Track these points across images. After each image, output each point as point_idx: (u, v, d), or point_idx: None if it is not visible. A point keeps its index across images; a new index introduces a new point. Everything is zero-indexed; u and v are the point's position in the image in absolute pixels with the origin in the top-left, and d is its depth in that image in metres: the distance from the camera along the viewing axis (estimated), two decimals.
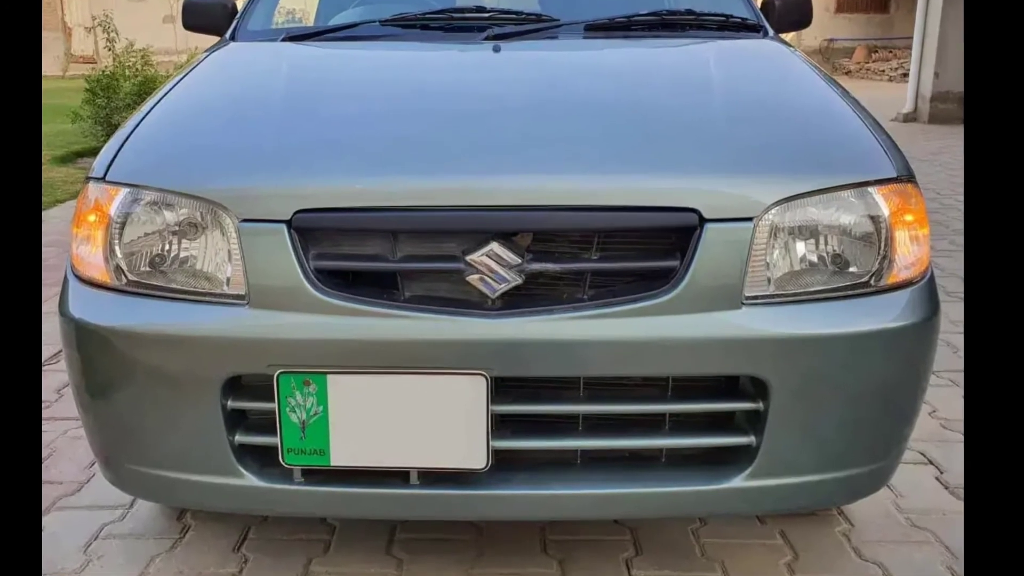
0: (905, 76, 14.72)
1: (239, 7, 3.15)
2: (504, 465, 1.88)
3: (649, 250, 1.85)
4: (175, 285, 1.88)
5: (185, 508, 2.49)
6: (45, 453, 2.88)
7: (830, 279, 1.87)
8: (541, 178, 1.84)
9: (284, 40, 2.78)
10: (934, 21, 11.84)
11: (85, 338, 1.93)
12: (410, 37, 2.74)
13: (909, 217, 1.90)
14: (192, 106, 2.26)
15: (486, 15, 2.78)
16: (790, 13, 3.16)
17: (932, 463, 2.80)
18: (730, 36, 2.81)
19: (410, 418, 1.81)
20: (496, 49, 2.53)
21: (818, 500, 2.11)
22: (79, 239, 1.95)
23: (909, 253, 1.90)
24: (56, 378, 3.43)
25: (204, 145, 2.04)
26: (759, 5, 3.12)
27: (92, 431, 2.04)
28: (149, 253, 1.90)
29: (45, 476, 2.73)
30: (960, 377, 3.39)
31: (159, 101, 2.24)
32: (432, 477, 1.89)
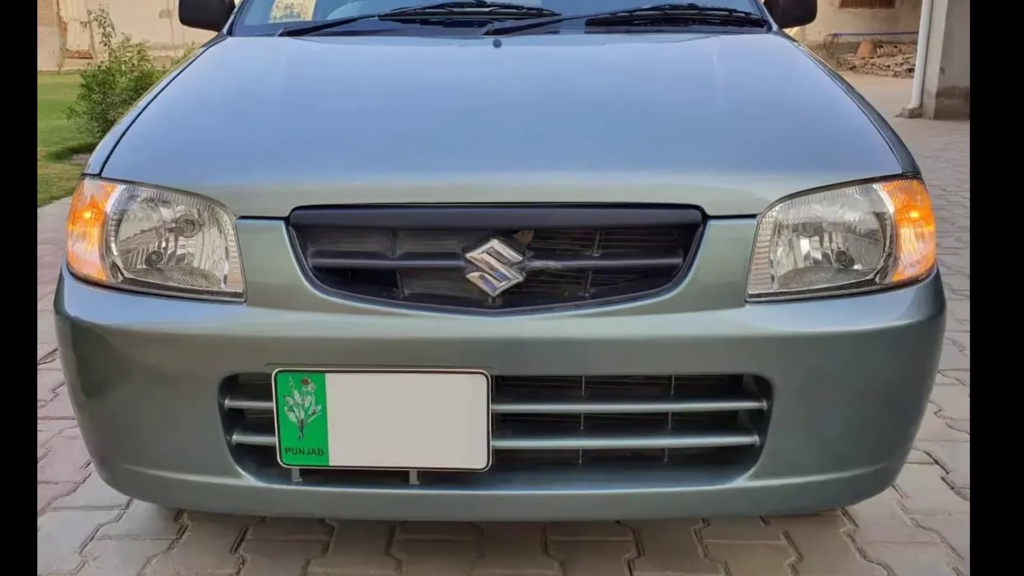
0: (910, 71, 14.70)
1: (236, 1, 3.14)
2: (505, 465, 1.88)
3: (651, 247, 1.84)
4: (172, 283, 1.88)
5: (182, 508, 2.49)
6: (40, 453, 2.88)
7: (834, 277, 1.87)
8: (542, 174, 1.84)
9: (282, 35, 2.78)
10: (940, 16, 11.83)
11: (81, 336, 1.93)
12: (409, 32, 2.74)
13: (914, 214, 1.90)
14: (189, 102, 2.26)
15: (486, 9, 2.77)
16: (794, 7, 3.16)
17: (938, 463, 2.80)
18: (733, 31, 2.81)
19: (409, 417, 1.81)
20: (497, 44, 2.53)
21: (822, 500, 2.11)
22: (75, 236, 1.95)
23: (914, 250, 1.90)
24: (51, 377, 3.43)
25: (201, 141, 2.04)
26: None
27: (88, 430, 2.04)
28: (145, 250, 1.90)
29: (40, 476, 2.73)
30: (966, 376, 3.39)
31: (155, 97, 2.23)
32: (432, 477, 1.89)
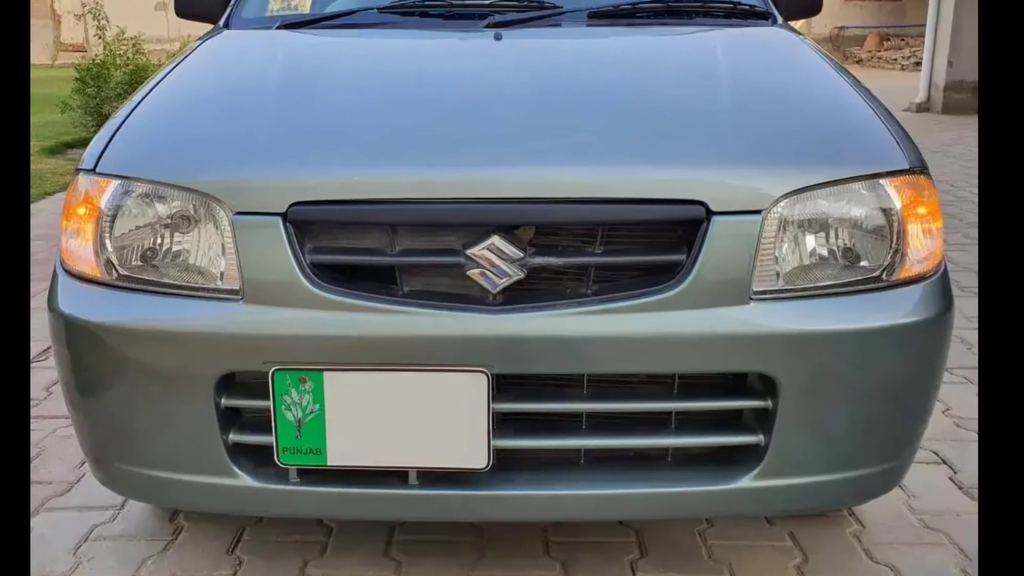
0: (918, 65, 14.70)
1: None
2: (505, 465, 1.88)
3: (654, 244, 1.84)
4: (167, 280, 1.88)
5: (178, 509, 2.49)
6: (34, 452, 2.88)
7: (840, 274, 1.87)
8: (543, 170, 1.83)
9: (279, 28, 2.77)
10: (948, 8, 11.81)
11: (75, 334, 1.93)
12: (409, 24, 2.74)
13: (922, 210, 1.90)
14: (185, 96, 2.26)
15: (487, 2, 2.77)
16: (799, 0, 3.15)
17: (946, 463, 2.80)
18: (738, 24, 2.81)
19: (409, 416, 1.81)
20: (497, 37, 2.53)
21: (828, 501, 2.11)
22: (69, 232, 1.95)
23: (922, 247, 1.90)
24: (45, 375, 3.43)
25: (197, 136, 2.04)
26: None
27: (82, 430, 2.04)
28: (141, 247, 1.90)
29: (34, 476, 2.73)
30: (974, 374, 3.39)
31: (151, 91, 2.23)
32: (431, 477, 1.89)
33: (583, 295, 1.82)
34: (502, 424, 1.87)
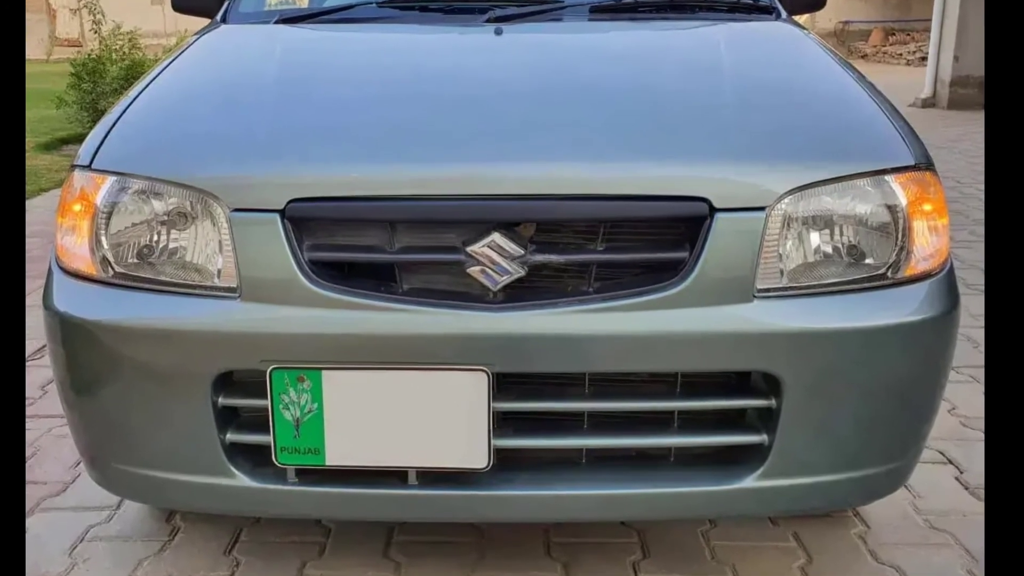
0: (923, 60, 14.68)
1: None
2: (506, 465, 1.88)
3: (657, 241, 1.84)
4: (164, 277, 1.88)
5: (174, 509, 2.49)
6: (29, 452, 2.88)
7: (845, 271, 1.87)
8: (545, 166, 1.83)
9: (277, 22, 2.77)
10: (954, 3, 11.81)
11: (70, 332, 1.93)
12: (408, 19, 2.73)
13: (927, 206, 1.90)
14: (181, 91, 2.26)
15: None
16: None
17: (951, 463, 2.80)
18: (741, 18, 2.81)
19: (408, 416, 1.81)
20: (498, 32, 2.53)
21: (833, 501, 2.11)
22: (64, 229, 1.95)
23: (927, 244, 1.90)
24: (40, 374, 3.43)
25: (194, 132, 2.03)
26: None
27: (78, 429, 2.04)
28: (137, 244, 1.89)
29: (29, 476, 2.73)
30: (980, 373, 3.39)
31: (147, 86, 2.23)
32: (431, 477, 1.89)
33: (585, 293, 1.82)
34: (503, 423, 1.87)
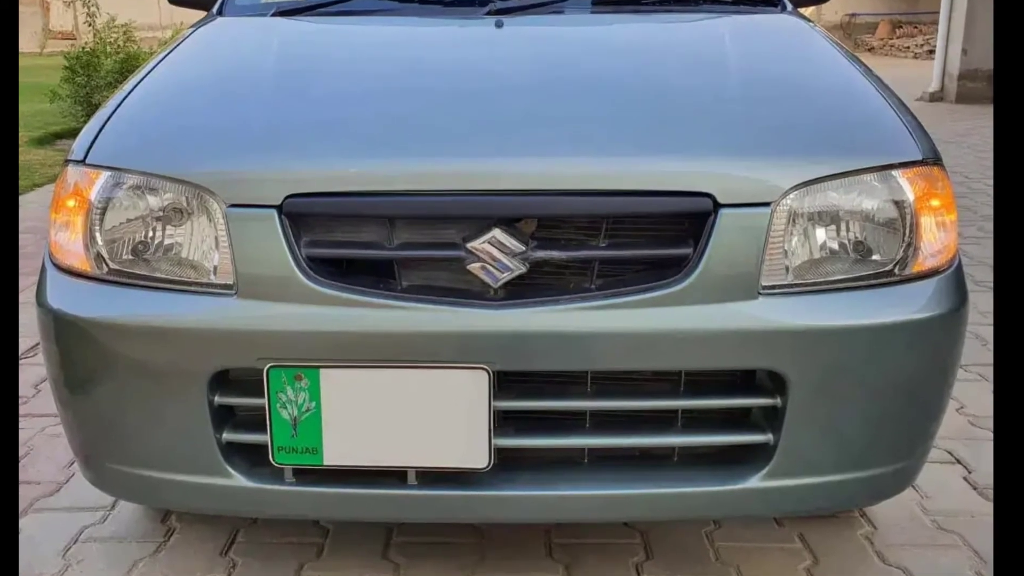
0: (931, 53, 14.67)
1: None
2: (507, 464, 1.88)
3: (660, 237, 1.84)
4: (159, 274, 1.88)
5: (170, 510, 2.49)
6: (22, 452, 2.88)
7: (852, 268, 1.87)
8: (546, 161, 1.83)
9: (274, 15, 2.77)
10: None
11: (64, 330, 1.93)
12: (408, 11, 2.74)
13: (935, 202, 1.89)
14: (177, 85, 2.26)
15: None
16: None
17: (960, 462, 2.80)
18: (746, 11, 2.81)
19: (408, 415, 1.81)
20: (499, 24, 2.53)
21: (839, 501, 2.11)
22: (58, 225, 1.95)
23: (935, 240, 1.89)
24: (34, 372, 3.43)
25: (190, 126, 2.03)
26: None
27: (72, 428, 2.04)
28: (132, 240, 1.89)
29: (22, 476, 2.73)
30: (989, 371, 3.39)
31: (142, 80, 2.23)
32: (431, 477, 1.89)
33: (587, 290, 1.82)
34: (503, 423, 1.87)
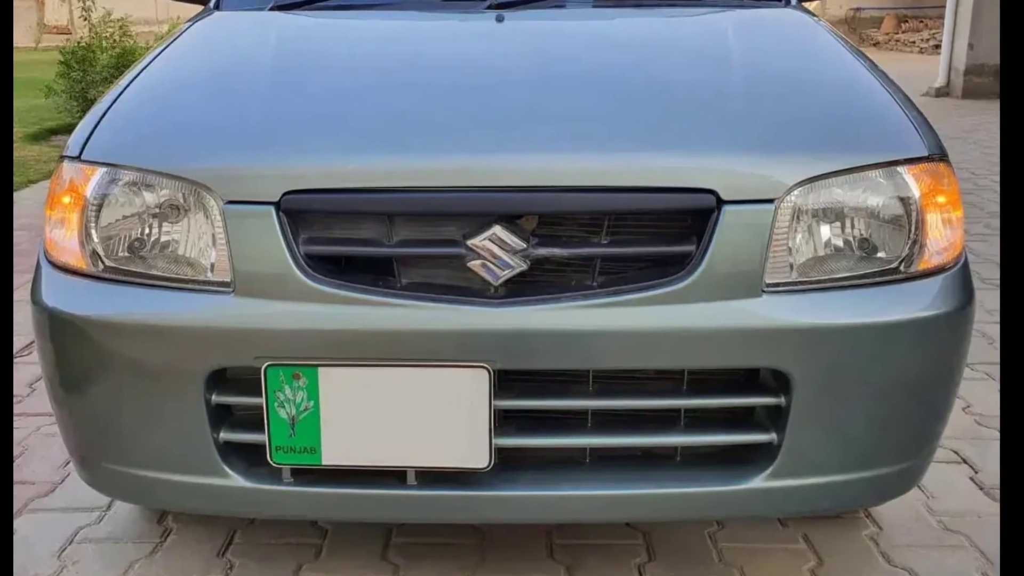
0: (937, 48, 14.66)
1: None
2: (508, 464, 1.88)
3: (663, 234, 1.84)
4: (155, 271, 1.88)
5: (166, 510, 2.49)
6: (16, 451, 2.88)
7: (856, 265, 1.87)
8: (547, 157, 1.83)
9: (272, 9, 2.77)
10: None
11: (59, 328, 1.93)
12: (407, 6, 2.73)
13: (941, 199, 1.89)
14: (173, 80, 2.26)
15: None
16: None
17: (966, 462, 2.80)
18: (749, 5, 2.81)
19: (407, 414, 1.81)
20: (499, 19, 2.53)
21: (844, 502, 2.11)
22: (53, 222, 1.95)
23: (941, 237, 1.89)
24: (28, 371, 3.43)
25: (186, 122, 2.03)
26: None
27: (67, 428, 2.04)
28: (128, 237, 1.89)
29: (16, 476, 2.73)
30: (996, 370, 3.39)
31: (138, 75, 2.23)
32: (431, 477, 1.89)
33: (588, 287, 1.81)
34: (504, 422, 1.87)
